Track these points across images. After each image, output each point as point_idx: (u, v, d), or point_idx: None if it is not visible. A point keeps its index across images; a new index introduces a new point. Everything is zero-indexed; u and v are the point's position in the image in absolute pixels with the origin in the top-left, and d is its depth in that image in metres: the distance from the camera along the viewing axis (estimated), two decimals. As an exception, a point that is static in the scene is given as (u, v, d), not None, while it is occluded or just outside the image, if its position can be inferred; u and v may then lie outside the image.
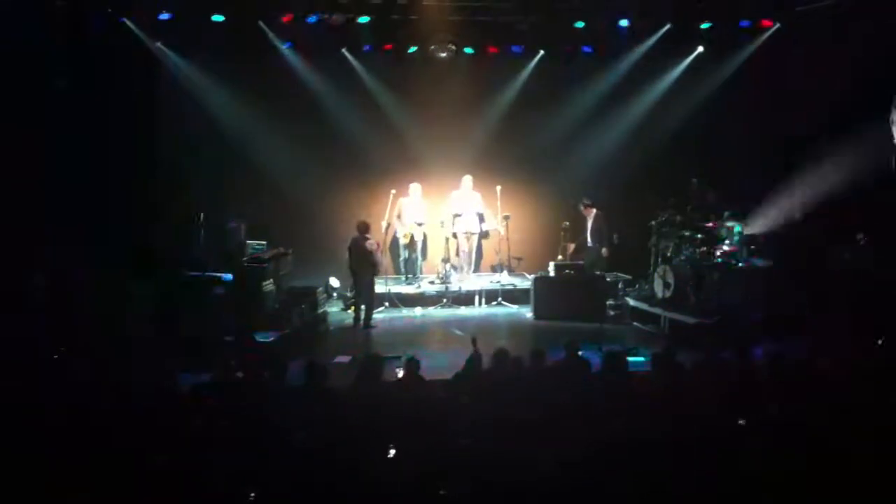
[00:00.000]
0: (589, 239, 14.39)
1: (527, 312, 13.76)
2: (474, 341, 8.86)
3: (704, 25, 14.54)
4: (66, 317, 11.36)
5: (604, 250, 14.19)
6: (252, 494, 5.09)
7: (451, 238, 14.57)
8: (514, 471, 5.23)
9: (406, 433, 6.15)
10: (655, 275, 13.13)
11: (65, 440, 5.97)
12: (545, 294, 13.55)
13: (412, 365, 8.08)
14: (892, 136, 12.90)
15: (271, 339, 10.94)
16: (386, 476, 5.39)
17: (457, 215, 14.47)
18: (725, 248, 12.63)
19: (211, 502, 5.07)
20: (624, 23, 14.30)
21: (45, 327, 10.60)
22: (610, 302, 13.67)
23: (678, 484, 5.12)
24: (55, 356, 9.34)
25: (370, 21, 13.88)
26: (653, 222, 13.45)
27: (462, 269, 14.67)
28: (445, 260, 14.45)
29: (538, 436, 5.90)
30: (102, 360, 9.12)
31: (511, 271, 14.90)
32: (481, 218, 14.55)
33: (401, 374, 8.73)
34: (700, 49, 14.95)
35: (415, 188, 14.48)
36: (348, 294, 14.24)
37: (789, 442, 5.73)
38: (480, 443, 5.83)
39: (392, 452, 5.88)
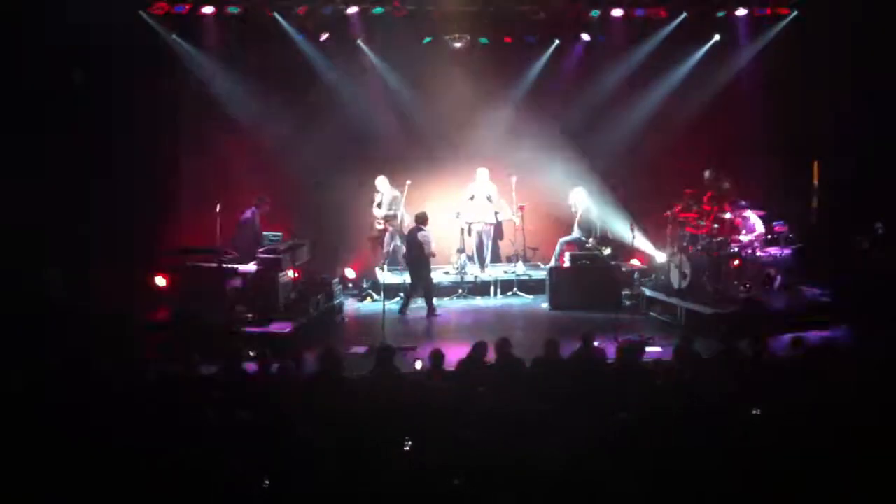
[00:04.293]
0: (578, 229, 14.25)
1: (542, 303, 13.74)
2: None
3: (721, 14, 14.45)
4: (83, 311, 11.50)
5: (591, 241, 14.07)
6: (266, 482, 5.12)
7: (465, 229, 14.52)
8: (525, 461, 5.23)
9: (419, 423, 6.16)
10: (672, 265, 13.08)
11: (83, 431, 6.02)
12: (561, 284, 13.54)
13: (436, 358, 8.08)
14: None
15: (287, 329, 10.98)
16: (399, 466, 5.41)
17: (470, 198, 14.45)
18: (742, 237, 12.55)
19: (225, 490, 5.10)
20: (641, 11, 14.24)
21: (61, 321, 10.71)
22: (626, 292, 13.63)
23: (688, 473, 5.12)
24: (69, 348, 9.40)
25: (385, 11, 13.87)
26: (669, 212, 13.39)
27: (474, 262, 14.62)
28: (461, 250, 14.44)
29: (552, 426, 5.90)
30: (118, 352, 9.21)
31: (526, 262, 14.87)
32: (490, 198, 14.47)
33: (419, 365, 8.74)
34: (717, 37, 14.86)
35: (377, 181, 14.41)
36: (364, 285, 14.26)
37: (802, 433, 5.71)
38: (493, 433, 5.83)
39: (408, 445, 5.88)
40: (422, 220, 13.12)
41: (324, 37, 14.26)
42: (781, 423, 6.01)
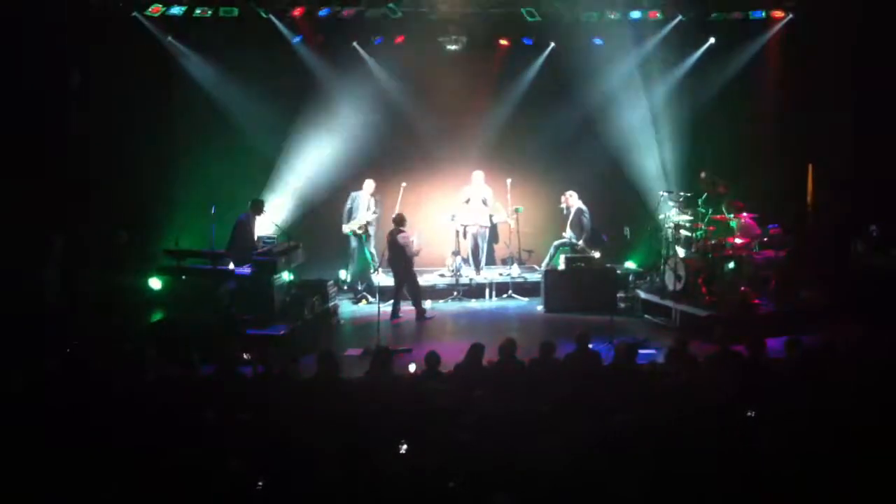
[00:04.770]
0: (570, 231, 14.32)
1: (537, 305, 13.74)
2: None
3: (716, 16, 14.49)
4: (79, 311, 11.49)
5: (580, 243, 14.03)
6: (259, 483, 5.11)
7: (461, 233, 14.52)
8: (522, 463, 5.23)
9: (415, 426, 6.15)
10: (666, 267, 13.08)
11: (79, 433, 6.02)
12: (556, 287, 13.53)
13: (432, 360, 8.07)
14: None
15: (282, 331, 10.96)
16: (394, 468, 5.40)
17: (466, 201, 14.45)
18: (737, 240, 12.57)
19: (218, 491, 5.09)
20: (636, 14, 14.27)
21: (59, 322, 10.69)
22: (621, 294, 13.64)
23: (685, 476, 5.12)
24: (68, 350, 9.39)
25: (381, 14, 13.88)
26: (664, 214, 13.39)
27: (469, 265, 14.62)
28: (456, 253, 14.44)
29: (547, 428, 5.90)
30: (115, 353, 9.19)
31: (521, 264, 14.87)
32: (485, 202, 14.48)
33: (413, 368, 8.73)
34: (712, 40, 14.89)
35: (368, 184, 14.28)
36: (359, 287, 14.24)
37: (799, 435, 5.71)
38: (490, 436, 5.83)
39: (403, 448, 5.87)
40: (400, 221, 13.02)
41: (319, 39, 14.25)
42: (778, 425, 6.01)
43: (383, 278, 13.64)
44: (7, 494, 5.24)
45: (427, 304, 13.45)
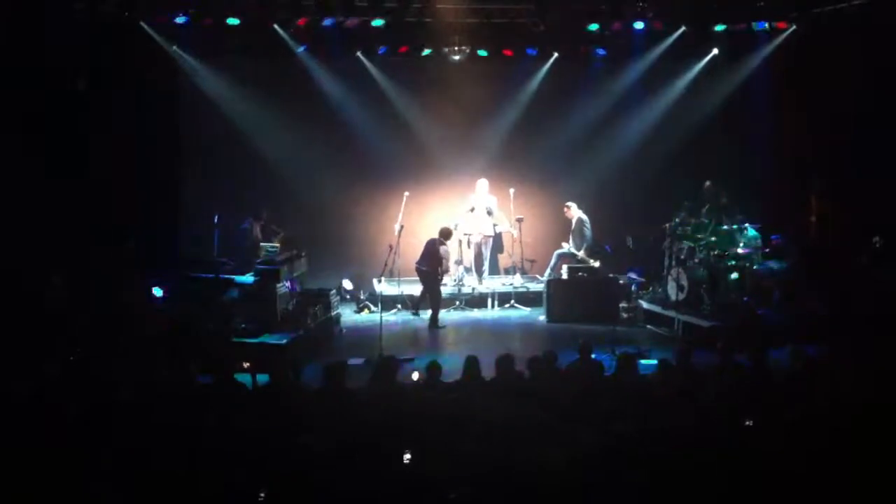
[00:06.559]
0: (571, 241, 14.31)
1: (540, 315, 13.73)
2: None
3: (719, 28, 14.51)
4: (83, 317, 11.47)
5: (581, 253, 14.06)
6: (262, 494, 5.10)
7: (464, 241, 14.54)
8: (523, 473, 5.22)
9: (418, 435, 6.14)
10: (669, 277, 13.07)
11: (79, 439, 6.02)
12: (558, 297, 13.52)
13: (434, 369, 8.06)
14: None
15: (284, 340, 10.97)
16: (395, 478, 5.39)
17: (470, 210, 14.51)
18: (740, 250, 12.57)
19: (220, 501, 5.09)
20: (639, 25, 14.29)
21: (64, 327, 10.69)
22: (623, 304, 13.63)
23: (688, 485, 5.11)
24: (72, 356, 9.39)
25: (385, 24, 13.93)
26: (667, 225, 13.40)
27: (472, 273, 14.65)
28: (459, 262, 14.45)
29: (549, 438, 5.89)
30: (119, 360, 9.20)
31: (524, 274, 14.87)
32: (489, 212, 14.51)
33: (416, 376, 8.71)
34: (715, 51, 14.91)
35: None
36: (361, 296, 14.26)
37: (800, 446, 5.70)
38: (491, 445, 5.82)
39: (407, 457, 5.85)
40: (446, 235, 13.35)
41: (323, 49, 14.30)
42: (779, 435, 6.00)
43: (386, 287, 13.66)
44: (7, 495, 5.25)
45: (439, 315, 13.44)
